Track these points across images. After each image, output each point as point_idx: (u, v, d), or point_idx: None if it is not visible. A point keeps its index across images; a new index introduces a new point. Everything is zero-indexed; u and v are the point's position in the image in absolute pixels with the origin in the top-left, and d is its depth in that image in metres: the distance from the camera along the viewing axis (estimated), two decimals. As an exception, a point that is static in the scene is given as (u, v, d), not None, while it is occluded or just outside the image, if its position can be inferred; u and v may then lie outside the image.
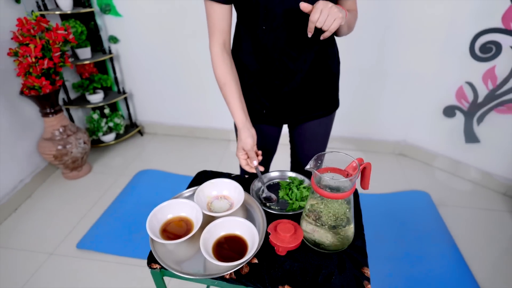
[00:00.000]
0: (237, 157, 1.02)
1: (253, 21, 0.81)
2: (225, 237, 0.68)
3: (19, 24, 1.54)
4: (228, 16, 0.82)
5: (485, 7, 1.58)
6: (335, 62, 0.94)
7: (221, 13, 0.81)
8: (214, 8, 0.80)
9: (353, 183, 0.61)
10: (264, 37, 0.82)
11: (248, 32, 0.84)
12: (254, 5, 0.77)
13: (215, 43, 0.83)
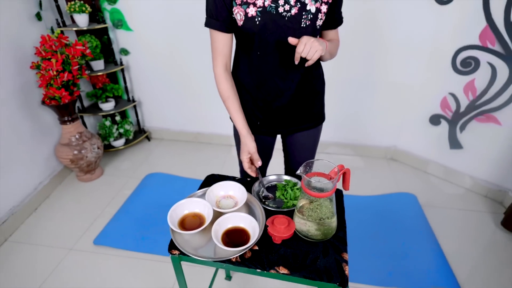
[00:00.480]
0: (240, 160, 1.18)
1: (249, 47, 0.97)
2: (231, 229, 0.84)
3: (42, 41, 1.70)
4: (229, 43, 0.98)
5: (464, 26, 1.74)
6: (319, 82, 1.10)
7: (223, 40, 0.96)
8: (217, 35, 0.95)
9: (334, 184, 0.76)
10: (258, 60, 0.98)
11: (245, 55, 1.00)
12: (251, 35, 0.93)
13: (218, 64, 0.99)
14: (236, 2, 0.89)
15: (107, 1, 2.07)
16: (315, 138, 1.21)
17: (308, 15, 0.90)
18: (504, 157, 1.86)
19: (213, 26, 0.94)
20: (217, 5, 0.90)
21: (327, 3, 0.92)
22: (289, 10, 0.88)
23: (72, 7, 1.88)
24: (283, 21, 0.89)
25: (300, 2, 0.88)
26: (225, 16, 0.92)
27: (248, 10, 0.89)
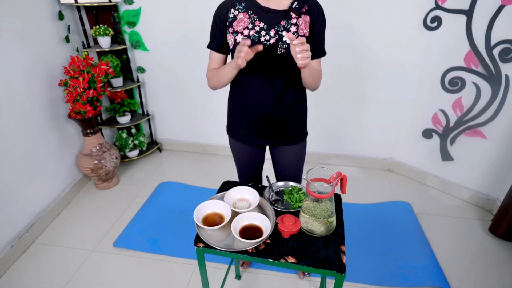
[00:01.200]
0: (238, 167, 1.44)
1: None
2: (247, 226, 0.99)
3: (72, 62, 1.89)
4: (221, 61, 1.22)
5: (451, 50, 1.93)
6: (299, 104, 1.26)
7: (216, 58, 1.21)
8: (213, 54, 1.21)
9: (333, 188, 0.93)
10: (244, 78, 1.19)
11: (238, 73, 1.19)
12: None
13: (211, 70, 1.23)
14: (229, 30, 1.13)
15: (127, 25, 2.29)
16: (298, 153, 1.37)
17: (284, 45, 1.09)
18: (491, 168, 2.01)
19: (211, 47, 1.20)
20: (215, 31, 1.16)
21: (304, 37, 1.09)
22: (269, 40, 1.09)
23: (97, 31, 2.09)
24: (263, 48, 1.09)
25: (278, 34, 1.09)
26: (221, 40, 1.16)
27: (237, 37, 1.11)
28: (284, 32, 1.08)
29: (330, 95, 2.31)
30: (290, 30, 1.09)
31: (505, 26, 1.70)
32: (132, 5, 2.22)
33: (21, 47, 1.73)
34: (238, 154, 1.42)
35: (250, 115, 1.25)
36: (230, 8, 1.12)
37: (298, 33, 1.10)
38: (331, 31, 2.02)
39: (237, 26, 1.11)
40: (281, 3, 1.10)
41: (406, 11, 1.96)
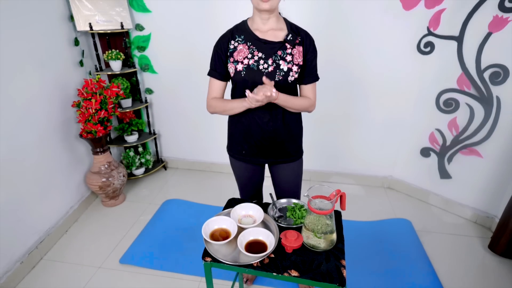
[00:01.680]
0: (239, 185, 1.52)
1: (239, 92, 1.27)
2: (252, 241, 1.05)
3: (85, 84, 2.00)
4: (222, 88, 1.31)
5: (444, 73, 2.04)
6: (295, 124, 1.35)
7: (217, 85, 1.30)
8: (214, 81, 1.30)
9: (333, 204, 0.99)
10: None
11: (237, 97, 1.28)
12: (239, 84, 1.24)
13: (209, 98, 1.32)
14: (230, 60, 1.23)
15: (138, 49, 2.42)
16: (296, 171, 1.45)
17: (281, 73, 1.20)
18: (488, 186, 2.07)
19: (212, 75, 1.29)
20: (216, 61, 1.26)
21: (298, 65, 1.22)
22: (267, 68, 1.20)
23: (110, 55, 2.22)
24: (262, 75, 1.19)
25: (275, 63, 1.19)
26: (221, 69, 1.26)
27: (237, 66, 1.22)
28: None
29: (331, 114, 2.41)
30: (286, 59, 1.20)
31: (493, 51, 1.81)
32: (142, 31, 2.36)
33: (39, 71, 1.85)
34: (239, 172, 1.50)
35: (251, 136, 1.33)
36: (230, 40, 1.24)
37: (293, 62, 1.21)
38: (329, 55, 2.16)
39: (237, 56, 1.22)
40: (277, 36, 1.21)
41: (401, 36, 2.08)
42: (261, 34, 1.21)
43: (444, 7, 1.91)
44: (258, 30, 1.22)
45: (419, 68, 2.13)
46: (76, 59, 2.16)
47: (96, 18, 2.15)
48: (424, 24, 2.01)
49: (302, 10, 2.09)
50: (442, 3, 1.91)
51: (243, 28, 1.24)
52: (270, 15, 1.19)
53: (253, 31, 1.22)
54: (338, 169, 2.63)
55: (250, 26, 1.23)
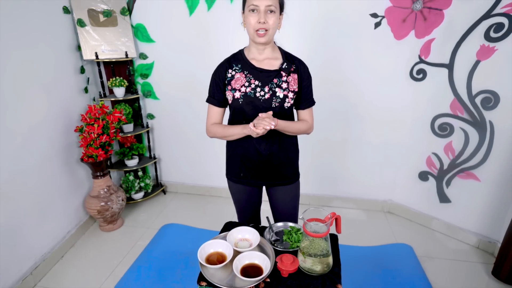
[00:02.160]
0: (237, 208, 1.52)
1: (237, 118, 1.31)
2: (248, 265, 1.04)
3: (89, 110, 2.07)
4: (220, 114, 1.36)
5: (437, 98, 2.10)
6: (291, 149, 1.38)
7: (216, 111, 1.34)
8: (213, 108, 1.35)
9: (328, 227, 1.00)
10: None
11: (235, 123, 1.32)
12: (237, 110, 1.29)
13: (209, 123, 1.36)
14: (228, 88, 1.28)
15: (141, 77, 2.52)
16: (293, 193, 1.46)
17: (277, 99, 1.25)
18: (488, 210, 2.05)
19: (210, 102, 1.34)
20: (214, 88, 1.31)
21: (294, 92, 1.27)
22: (264, 95, 1.25)
23: (114, 82, 2.31)
24: (259, 102, 1.24)
25: (272, 90, 1.25)
26: (220, 96, 1.31)
27: (235, 94, 1.26)
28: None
29: (328, 139, 2.45)
30: (282, 86, 1.25)
31: (483, 78, 1.88)
32: (146, 59, 2.47)
33: (46, 97, 1.92)
34: (237, 195, 1.51)
35: (248, 159, 1.36)
36: (228, 69, 1.29)
37: (289, 89, 1.26)
38: (325, 82, 2.23)
39: (235, 84, 1.27)
40: (272, 64, 1.27)
41: (394, 64, 2.16)
42: (257, 63, 1.28)
43: (434, 37, 2.01)
44: (255, 59, 1.28)
45: (412, 94, 2.19)
46: (81, 86, 2.25)
47: (102, 47, 2.26)
48: (416, 53, 2.09)
49: (297, 40, 2.20)
50: (432, 33, 2.00)
51: (239, 57, 1.30)
52: (266, 46, 1.26)
53: (249, 60, 1.28)
54: (337, 193, 2.62)
55: (246, 55, 1.30)
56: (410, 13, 2.01)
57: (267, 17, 1.16)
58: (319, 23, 2.16)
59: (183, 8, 2.28)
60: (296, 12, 2.13)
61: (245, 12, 1.20)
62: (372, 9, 2.06)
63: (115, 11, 2.27)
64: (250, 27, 1.19)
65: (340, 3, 2.08)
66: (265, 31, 1.17)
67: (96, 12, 2.22)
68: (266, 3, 1.14)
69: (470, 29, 1.86)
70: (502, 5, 1.73)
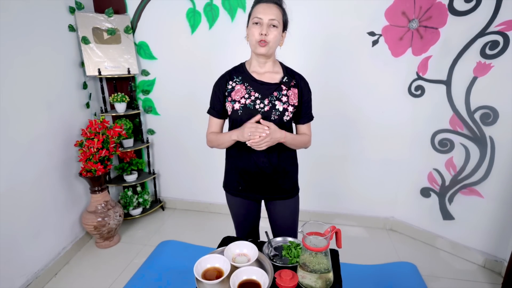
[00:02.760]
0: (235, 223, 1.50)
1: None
2: (245, 281, 1.01)
3: (90, 125, 2.08)
4: (220, 125, 1.38)
5: (436, 114, 2.10)
6: (290, 162, 1.38)
7: (215, 122, 1.37)
8: (213, 119, 1.37)
9: (327, 241, 0.97)
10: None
11: None
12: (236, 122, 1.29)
13: (208, 133, 1.37)
14: (227, 99, 1.29)
15: (142, 93, 2.55)
16: (293, 208, 1.44)
17: (276, 112, 1.25)
18: (493, 228, 2.01)
19: (210, 113, 1.36)
20: (215, 100, 1.33)
21: (293, 106, 1.28)
22: (263, 107, 1.25)
23: (115, 98, 2.33)
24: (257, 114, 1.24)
25: (271, 103, 1.25)
26: (219, 107, 1.32)
27: (234, 105, 1.27)
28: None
29: (328, 155, 2.44)
30: (282, 100, 1.26)
31: (481, 94, 1.89)
32: (148, 76, 2.51)
33: (47, 111, 1.93)
34: (235, 209, 1.48)
35: (247, 172, 1.35)
36: (228, 81, 1.31)
37: (289, 103, 1.27)
38: (325, 98, 2.25)
39: (235, 96, 1.28)
40: (273, 78, 1.29)
41: (392, 80, 2.19)
42: (258, 75, 1.29)
43: (431, 54, 2.04)
44: (255, 72, 1.30)
45: (411, 110, 2.20)
46: (83, 101, 2.27)
47: (105, 64, 2.30)
48: (413, 70, 2.13)
49: (297, 57, 2.23)
50: (428, 50, 2.04)
51: (241, 70, 1.32)
52: (267, 59, 1.28)
53: (250, 73, 1.30)
54: (338, 210, 2.58)
55: (248, 68, 1.31)
56: (407, 31, 2.06)
57: (269, 30, 1.19)
58: (318, 41, 2.21)
59: (185, 26, 2.34)
60: (296, 30, 2.17)
61: (249, 25, 1.24)
62: (369, 27, 2.11)
63: (119, 29, 2.34)
64: (253, 38, 1.22)
65: (338, 22, 2.14)
66: (265, 43, 1.20)
67: (101, 30, 2.28)
68: (269, 17, 1.18)
69: (466, 46, 1.89)
70: (496, 23, 1.77)
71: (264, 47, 1.21)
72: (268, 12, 1.18)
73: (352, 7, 2.09)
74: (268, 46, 1.21)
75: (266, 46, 1.21)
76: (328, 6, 2.12)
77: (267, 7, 1.19)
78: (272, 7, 1.20)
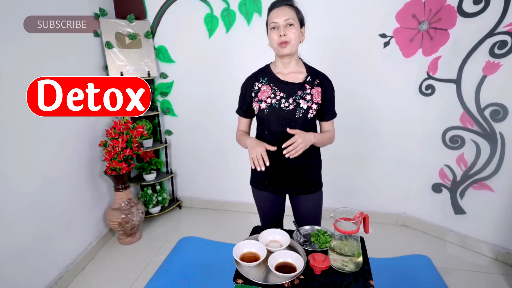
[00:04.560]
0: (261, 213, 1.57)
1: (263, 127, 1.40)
2: (281, 263, 1.08)
3: (114, 125, 2.17)
4: (247, 124, 1.50)
5: (447, 112, 2.18)
6: (314, 158, 1.45)
7: (244, 121, 1.48)
8: (241, 118, 1.49)
9: (357, 225, 1.05)
10: (268, 136, 1.38)
11: (261, 132, 1.42)
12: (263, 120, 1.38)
13: (238, 130, 1.49)
14: (254, 99, 1.38)
15: (161, 95, 2.65)
16: (316, 202, 1.51)
17: (301, 110, 1.32)
18: (504, 222, 2.07)
19: (238, 112, 1.48)
20: (241, 100, 1.44)
21: (317, 103, 1.35)
22: (288, 106, 1.32)
23: (136, 99, 2.42)
24: (283, 113, 1.32)
25: (296, 102, 1.32)
26: (246, 108, 1.43)
27: (261, 105, 1.35)
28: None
29: (341, 153, 2.52)
30: (306, 98, 1.33)
31: (491, 92, 1.97)
32: (166, 79, 2.61)
33: (75, 113, 2.03)
34: (261, 203, 1.56)
35: (274, 168, 1.42)
36: (255, 82, 1.40)
37: (312, 101, 1.34)
38: (337, 95, 2.31)
39: (261, 96, 1.36)
40: (297, 77, 1.37)
41: (404, 80, 2.28)
42: (282, 76, 1.37)
43: (441, 55, 2.13)
44: (280, 73, 1.38)
45: (423, 108, 2.29)
46: (106, 103, 2.37)
47: (127, 67, 2.40)
48: (424, 69, 2.21)
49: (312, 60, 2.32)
50: (438, 51, 2.13)
51: (266, 71, 1.41)
52: (291, 59, 1.36)
53: (275, 74, 1.38)
54: (352, 206, 2.62)
55: (273, 70, 1.40)
56: (417, 33, 2.15)
57: (287, 30, 1.27)
58: (332, 43, 2.30)
59: (203, 30, 2.44)
60: (310, 33, 2.27)
61: (268, 32, 1.33)
62: (381, 30, 2.20)
63: (139, 34, 2.44)
64: (274, 42, 1.30)
65: (350, 25, 2.23)
66: (286, 43, 1.28)
67: (123, 35, 2.38)
68: (284, 18, 1.26)
69: (475, 46, 1.98)
70: (504, 24, 1.85)
71: (286, 47, 1.28)
72: (281, 14, 1.27)
73: (365, 10, 2.18)
74: (289, 45, 1.28)
75: (288, 45, 1.28)
76: (341, 10, 2.21)
77: (280, 10, 1.28)
78: (284, 9, 1.28)
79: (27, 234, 1.67)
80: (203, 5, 2.38)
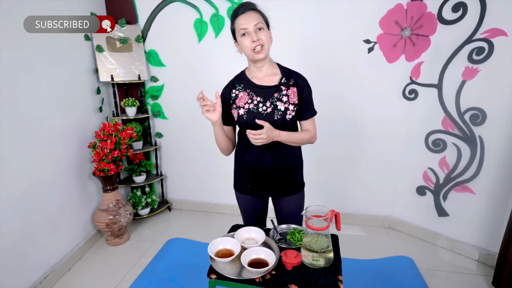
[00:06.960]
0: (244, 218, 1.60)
1: (243, 133, 1.42)
2: (254, 260, 1.12)
3: (103, 127, 2.21)
4: (229, 131, 1.47)
5: (429, 116, 2.24)
6: (295, 159, 1.47)
7: (227, 129, 1.46)
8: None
9: (327, 222, 1.08)
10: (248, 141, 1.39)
11: (241, 138, 1.45)
12: (242, 126, 1.40)
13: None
14: (233, 106, 1.40)
15: (151, 98, 2.69)
16: (298, 202, 1.53)
17: (279, 112, 1.35)
18: (485, 223, 2.11)
19: None
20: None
21: (294, 104, 1.37)
22: (266, 109, 1.35)
23: (126, 102, 2.47)
24: (261, 117, 1.34)
25: (273, 105, 1.35)
26: (225, 115, 1.42)
27: (239, 111, 1.37)
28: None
29: (329, 157, 2.56)
30: (283, 100, 1.36)
31: (470, 96, 2.03)
32: (156, 82, 2.65)
33: (64, 115, 2.07)
34: (244, 206, 1.59)
35: (255, 172, 1.45)
36: (232, 89, 1.42)
37: (289, 101, 1.36)
38: (324, 99, 2.39)
39: (239, 102, 1.39)
40: (272, 80, 1.39)
41: (387, 85, 2.33)
42: (258, 81, 1.40)
43: (423, 60, 2.19)
44: (255, 78, 1.40)
45: (406, 112, 2.34)
46: (96, 105, 2.41)
47: (117, 71, 2.45)
48: (407, 74, 2.27)
49: (298, 65, 2.37)
50: (420, 56, 2.19)
51: (242, 78, 1.43)
52: (264, 62, 1.38)
53: (251, 79, 1.41)
54: (338, 209, 2.65)
55: (248, 75, 1.42)
56: (400, 39, 2.21)
57: (258, 34, 1.29)
58: (317, 49, 2.36)
59: (193, 35, 2.50)
60: (295, 38, 2.34)
61: (238, 39, 1.34)
62: (365, 35, 2.26)
63: (130, 38, 2.49)
64: (247, 49, 1.31)
65: (336, 31, 2.29)
66: (261, 47, 1.30)
67: (113, 39, 2.43)
68: (253, 23, 1.27)
69: (454, 52, 2.04)
70: (481, 31, 1.92)
71: (261, 52, 1.30)
72: (249, 20, 1.28)
73: (349, 17, 2.25)
74: (264, 49, 1.30)
75: (262, 49, 1.30)
76: (327, 16, 2.28)
77: (247, 16, 1.27)
78: (251, 14, 1.29)
79: (11, 234, 1.69)
80: (193, 11, 2.44)
